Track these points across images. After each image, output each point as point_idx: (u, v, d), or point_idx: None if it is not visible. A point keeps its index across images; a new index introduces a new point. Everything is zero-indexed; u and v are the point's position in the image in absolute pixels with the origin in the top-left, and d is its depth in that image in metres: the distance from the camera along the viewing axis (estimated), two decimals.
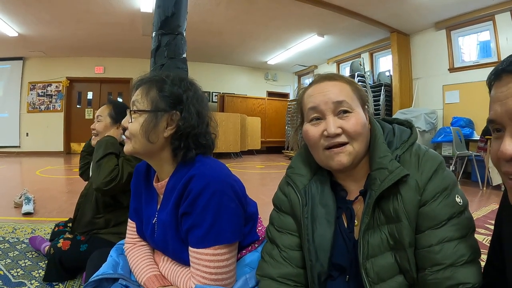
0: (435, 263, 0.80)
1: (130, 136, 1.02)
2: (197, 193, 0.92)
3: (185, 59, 2.30)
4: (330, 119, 0.89)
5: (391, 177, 0.83)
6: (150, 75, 1.10)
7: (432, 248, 0.80)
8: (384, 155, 0.88)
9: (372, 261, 0.85)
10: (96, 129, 1.95)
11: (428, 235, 0.82)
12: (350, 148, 0.89)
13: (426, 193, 0.83)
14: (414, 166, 0.86)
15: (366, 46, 9.21)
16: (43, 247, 2.05)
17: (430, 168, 0.85)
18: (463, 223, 0.82)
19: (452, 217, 0.82)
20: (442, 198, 0.83)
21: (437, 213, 0.82)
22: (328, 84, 0.93)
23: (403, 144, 0.92)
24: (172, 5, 2.24)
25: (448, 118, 6.92)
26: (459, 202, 0.83)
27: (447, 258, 0.79)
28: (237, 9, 6.85)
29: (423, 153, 0.89)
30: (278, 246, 0.99)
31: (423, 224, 0.83)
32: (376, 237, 0.86)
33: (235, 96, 11.58)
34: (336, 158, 0.89)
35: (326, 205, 0.93)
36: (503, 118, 0.62)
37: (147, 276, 1.05)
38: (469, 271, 0.78)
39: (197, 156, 1.04)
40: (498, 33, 6.24)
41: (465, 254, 0.79)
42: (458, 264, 0.78)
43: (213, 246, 0.93)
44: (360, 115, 0.90)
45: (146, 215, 1.13)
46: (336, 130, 0.88)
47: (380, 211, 0.87)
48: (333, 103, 0.89)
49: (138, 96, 1.03)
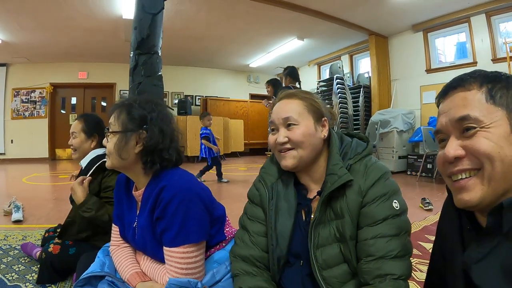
0: (369, 254, 0.96)
1: (108, 153, 1.21)
2: (167, 201, 1.11)
3: (161, 76, 2.46)
4: (281, 131, 1.13)
5: (339, 181, 1.02)
6: (122, 100, 1.27)
7: (367, 241, 0.98)
8: (335, 163, 1.08)
9: (321, 250, 1.04)
10: (73, 145, 2.04)
11: (365, 231, 1.00)
12: (294, 152, 1.10)
13: (367, 197, 1.02)
14: (361, 174, 1.05)
15: (346, 49, 9.39)
16: (35, 253, 2.17)
17: (373, 177, 1.04)
18: (397, 224, 0.99)
19: (387, 218, 0.99)
20: (380, 201, 1.01)
21: (374, 214, 0.99)
22: (283, 102, 1.16)
23: (356, 155, 1.11)
24: (147, 27, 2.40)
25: (426, 118, 7.18)
26: (395, 207, 1.00)
27: (379, 251, 0.95)
28: (218, 15, 6.98)
29: (371, 164, 1.07)
30: (248, 231, 1.20)
31: (363, 221, 1.01)
32: (326, 230, 1.04)
33: (218, 99, 11.68)
34: (283, 159, 1.12)
35: (288, 200, 1.13)
36: (447, 126, 0.72)
37: (130, 273, 1.23)
38: (396, 264, 0.94)
39: (170, 168, 1.22)
40: (473, 35, 6.47)
41: (395, 250, 0.95)
42: (388, 257, 0.94)
43: (183, 245, 1.11)
44: (305, 127, 1.10)
45: (128, 220, 1.31)
46: (283, 139, 1.10)
47: (331, 209, 1.05)
48: (282, 119, 1.12)
49: (112, 119, 1.22)
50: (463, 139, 0.69)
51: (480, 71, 0.73)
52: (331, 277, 1.01)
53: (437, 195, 4.60)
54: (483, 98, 0.68)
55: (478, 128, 0.67)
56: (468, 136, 0.68)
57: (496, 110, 0.67)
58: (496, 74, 0.71)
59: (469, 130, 0.68)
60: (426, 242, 2.61)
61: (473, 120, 0.67)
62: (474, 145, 0.67)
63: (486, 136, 0.66)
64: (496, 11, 6.08)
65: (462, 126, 0.69)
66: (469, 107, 0.68)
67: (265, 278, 1.12)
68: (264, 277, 1.12)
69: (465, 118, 0.68)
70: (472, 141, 0.67)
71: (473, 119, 0.67)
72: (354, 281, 1.01)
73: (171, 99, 11.52)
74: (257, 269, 1.14)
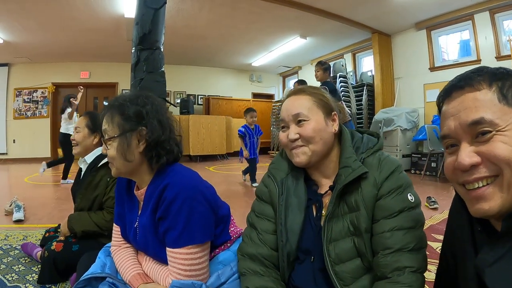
0: (386, 247, 0.95)
1: (111, 160, 1.16)
2: (171, 200, 1.06)
3: (163, 72, 2.43)
4: (291, 128, 1.12)
5: (353, 174, 1.02)
6: (109, 103, 1.21)
7: (384, 234, 0.97)
8: (349, 156, 1.07)
9: (334, 244, 1.02)
10: (75, 140, 2.07)
11: (382, 224, 0.99)
12: (306, 149, 1.09)
13: (382, 189, 1.01)
14: (375, 167, 1.05)
15: (349, 47, 9.37)
16: (35, 253, 2.15)
17: (388, 169, 1.03)
18: (412, 217, 0.98)
19: (403, 210, 0.98)
20: (396, 194, 1.00)
21: (390, 206, 0.99)
22: (292, 99, 1.16)
23: (368, 149, 1.11)
24: (149, 22, 2.37)
25: (430, 116, 7.13)
26: (410, 199, 1.00)
27: (396, 243, 0.94)
28: (220, 14, 6.97)
29: (384, 157, 1.07)
30: (256, 229, 1.18)
31: (378, 214, 1.00)
32: (339, 224, 1.03)
33: (220, 99, 11.68)
34: (295, 156, 1.11)
35: (298, 196, 1.12)
36: (458, 131, 0.66)
37: (132, 274, 1.19)
38: (414, 257, 0.94)
39: (172, 165, 1.18)
40: (477, 32, 6.44)
41: (412, 242, 0.95)
42: (405, 249, 0.94)
43: (186, 246, 1.07)
44: (315, 122, 1.09)
45: (129, 219, 1.27)
46: (294, 136, 1.10)
47: (344, 203, 1.04)
48: (292, 115, 1.11)
49: (105, 125, 1.16)
50: (477, 144, 0.64)
51: (486, 68, 0.68)
52: (344, 271, 1.00)
53: (442, 193, 4.58)
54: (495, 98, 0.63)
55: (494, 132, 0.62)
56: (483, 141, 0.63)
57: (510, 111, 0.62)
58: (503, 71, 0.66)
59: (485, 135, 0.63)
60: (432, 241, 2.58)
61: (488, 123, 0.62)
62: (492, 151, 0.62)
63: (504, 140, 0.61)
64: (500, 8, 6.05)
65: (476, 131, 0.64)
66: (482, 109, 0.63)
67: (273, 278, 1.10)
68: (272, 277, 1.10)
69: (479, 121, 0.63)
70: (489, 146, 0.62)
71: (488, 122, 0.62)
72: (367, 276, 1.01)
73: (174, 98, 11.52)
74: (265, 268, 1.12)
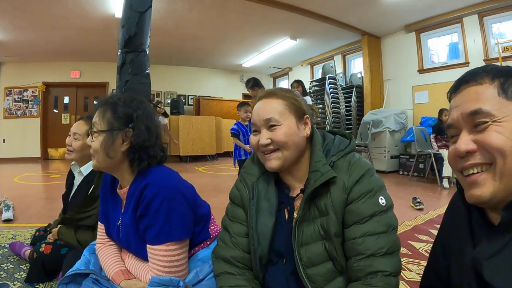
0: (358, 252, 0.96)
1: (93, 153, 1.20)
2: (150, 199, 1.11)
3: (148, 74, 2.47)
4: (263, 132, 1.10)
5: (322, 178, 1.01)
6: (105, 98, 1.28)
7: (356, 240, 0.97)
8: (318, 160, 1.07)
9: (305, 248, 1.03)
10: (72, 147, 1.95)
11: (353, 229, 0.99)
12: (279, 154, 1.08)
13: (353, 194, 1.01)
14: (345, 170, 1.04)
15: (339, 49, 9.42)
16: (23, 252, 2.17)
17: (358, 173, 1.03)
18: (385, 221, 0.98)
19: (374, 215, 0.98)
20: (366, 198, 1.00)
21: (361, 211, 0.99)
22: (263, 102, 1.13)
23: (339, 152, 1.10)
24: (135, 25, 2.41)
25: (418, 118, 7.23)
26: (382, 203, 1.00)
27: (368, 249, 0.95)
28: (210, 15, 6.99)
29: (355, 160, 1.07)
30: (229, 232, 1.19)
31: (350, 219, 1.00)
32: (310, 228, 1.04)
33: (211, 99, 11.70)
34: (268, 161, 1.10)
35: (269, 199, 1.12)
36: (459, 120, 0.71)
37: (115, 271, 1.24)
38: (387, 261, 0.94)
39: (154, 166, 1.23)
40: (466, 35, 6.51)
41: (385, 247, 0.95)
42: (378, 254, 0.94)
43: (165, 243, 1.12)
44: (287, 127, 1.08)
45: (113, 218, 1.31)
46: (266, 141, 1.08)
47: (315, 206, 1.05)
48: (264, 120, 1.09)
49: (96, 118, 1.21)
50: (475, 133, 0.69)
51: (493, 65, 0.73)
52: (316, 275, 1.01)
53: (429, 194, 4.66)
54: (495, 92, 0.68)
55: (490, 122, 0.66)
56: (480, 130, 0.68)
57: (508, 104, 0.66)
58: (508, 69, 0.71)
59: (481, 124, 0.67)
60: (416, 242, 2.63)
61: (485, 114, 0.67)
62: (486, 139, 0.66)
63: (498, 130, 0.65)
64: (489, 11, 6.13)
65: (474, 120, 0.68)
66: (481, 101, 0.68)
67: (247, 277, 1.12)
68: (245, 276, 1.12)
69: (477, 112, 0.68)
70: (484, 135, 0.67)
71: (485, 113, 0.67)
72: (340, 278, 1.02)
73: (164, 98, 11.49)
74: (238, 269, 1.13)
